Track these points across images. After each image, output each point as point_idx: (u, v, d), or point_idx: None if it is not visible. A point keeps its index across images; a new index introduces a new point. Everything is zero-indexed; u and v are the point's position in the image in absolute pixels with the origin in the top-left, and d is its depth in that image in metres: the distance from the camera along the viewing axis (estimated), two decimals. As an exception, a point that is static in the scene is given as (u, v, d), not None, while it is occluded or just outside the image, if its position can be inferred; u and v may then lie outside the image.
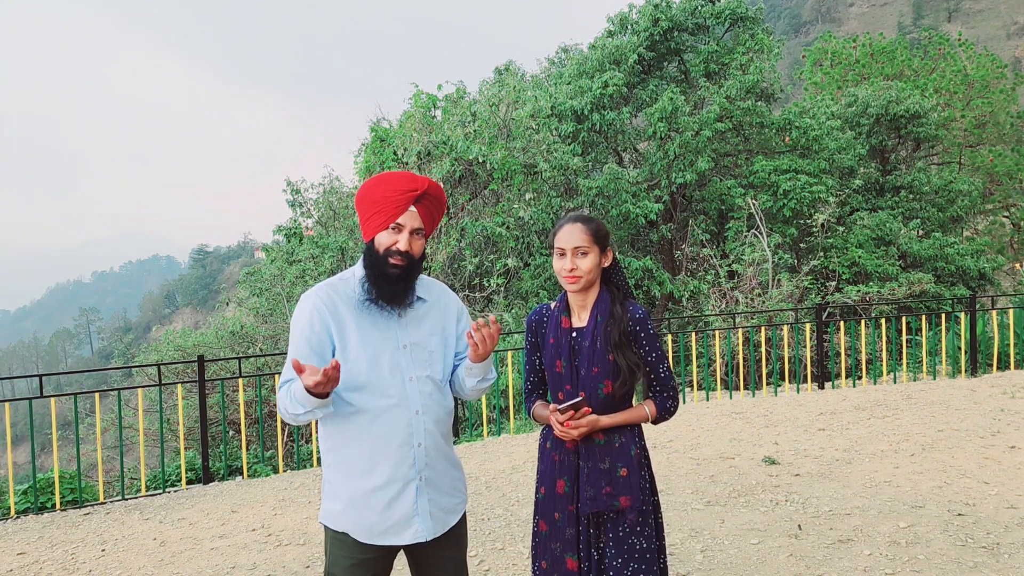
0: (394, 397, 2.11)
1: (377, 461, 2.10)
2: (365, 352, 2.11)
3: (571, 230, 2.25)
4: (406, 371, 2.14)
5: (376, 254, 2.10)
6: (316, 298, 2.14)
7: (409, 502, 2.13)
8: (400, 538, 2.13)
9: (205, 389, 6.22)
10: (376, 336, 2.13)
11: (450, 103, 12.80)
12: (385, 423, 2.10)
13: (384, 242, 2.10)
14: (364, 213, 2.13)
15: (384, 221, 2.09)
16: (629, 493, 2.21)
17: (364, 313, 2.14)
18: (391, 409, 2.11)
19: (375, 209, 2.10)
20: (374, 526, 2.11)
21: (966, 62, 22.87)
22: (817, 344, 8.74)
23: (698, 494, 4.78)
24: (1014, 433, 5.82)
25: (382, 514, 2.11)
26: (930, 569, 3.54)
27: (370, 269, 2.12)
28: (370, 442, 2.10)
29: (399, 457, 2.11)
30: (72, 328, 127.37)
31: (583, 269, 2.23)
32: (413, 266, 2.13)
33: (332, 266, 11.23)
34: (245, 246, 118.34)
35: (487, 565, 3.89)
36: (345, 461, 2.13)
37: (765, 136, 15.67)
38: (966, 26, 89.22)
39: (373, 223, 2.11)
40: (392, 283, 2.10)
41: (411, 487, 2.13)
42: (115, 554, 4.39)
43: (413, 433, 2.13)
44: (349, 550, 2.13)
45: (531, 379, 2.45)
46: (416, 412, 2.14)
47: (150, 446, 9.07)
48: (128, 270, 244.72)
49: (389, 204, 2.08)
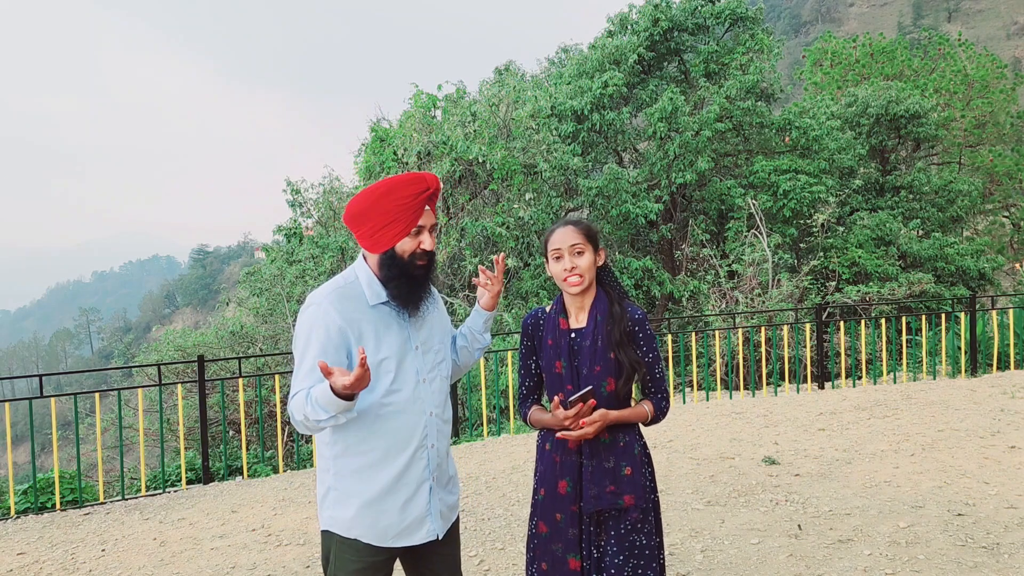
0: (410, 399, 2.12)
1: (394, 463, 2.10)
2: (380, 355, 2.10)
3: (564, 231, 2.28)
4: (420, 372, 2.15)
5: (401, 261, 2.07)
6: (330, 306, 2.07)
7: (423, 503, 2.14)
8: (412, 539, 2.13)
9: (205, 389, 6.22)
10: (392, 338, 2.12)
11: (450, 103, 12.80)
12: (403, 425, 2.10)
13: (408, 248, 2.07)
14: (376, 224, 2.06)
15: (405, 228, 2.05)
16: (633, 492, 2.22)
17: (378, 316, 2.12)
18: (408, 411, 2.11)
19: (390, 219, 2.04)
20: (389, 528, 2.11)
21: (966, 62, 22.87)
22: (817, 344, 8.74)
23: (698, 494, 4.78)
24: (1014, 433, 5.82)
25: (398, 516, 2.11)
26: (930, 569, 3.53)
27: (396, 276, 2.08)
28: (387, 445, 2.09)
29: (415, 459, 2.12)
30: (72, 328, 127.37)
31: (583, 267, 2.25)
32: (432, 263, 2.13)
33: (332, 266, 11.23)
34: (245, 246, 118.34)
35: (487, 565, 3.89)
36: (360, 465, 2.11)
37: (765, 136, 15.68)
38: (966, 26, 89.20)
39: (390, 232, 2.06)
40: (421, 285, 2.10)
41: (425, 487, 2.14)
42: (115, 554, 4.39)
43: (428, 434, 2.15)
44: (359, 554, 2.11)
45: (527, 383, 2.45)
46: (430, 413, 2.15)
47: (150, 446, 9.08)
48: (128, 270, 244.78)
49: (407, 211, 2.04)
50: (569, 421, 2.18)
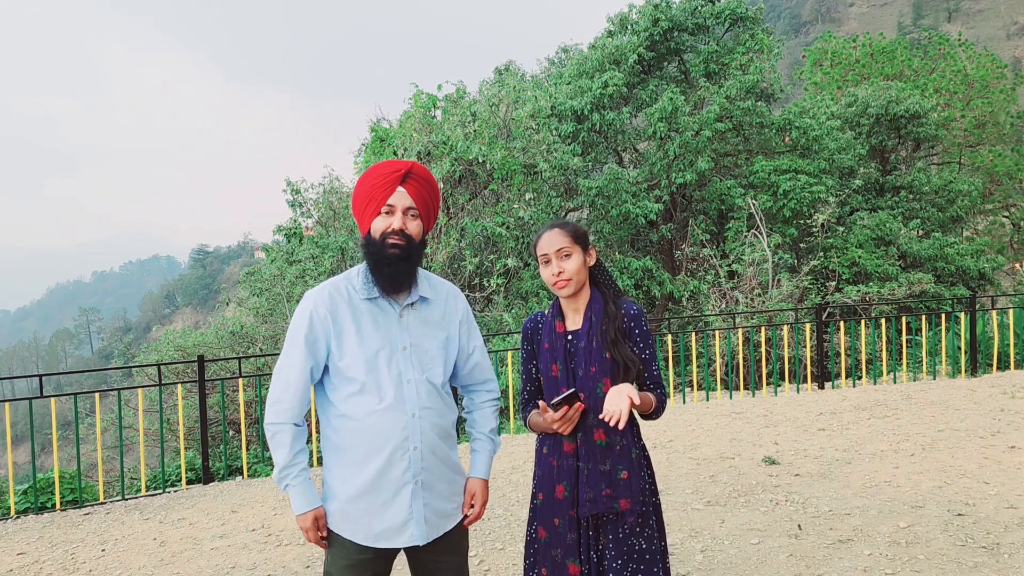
0: (391, 399, 2.09)
1: (371, 464, 2.08)
2: (363, 352, 2.09)
3: (550, 235, 2.28)
4: (404, 373, 2.12)
5: (374, 241, 2.10)
6: (317, 297, 2.13)
7: (403, 506, 2.10)
8: (394, 542, 2.12)
9: (205, 389, 6.22)
10: (375, 337, 2.12)
11: (450, 103, 12.80)
12: (380, 425, 2.08)
13: (379, 227, 2.09)
14: (357, 209, 2.15)
15: (376, 208, 2.09)
16: (629, 496, 2.21)
17: (365, 313, 2.13)
18: (387, 411, 2.08)
19: (366, 200, 2.11)
20: (368, 528, 2.10)
21: (966, 62, 22.86)
22: (817, 344, 8.74)
23: (698, 494, 4.78)
24: (1014, 433, 5.82)
25: (375, 517, 2.09)
26: (930, 569, 3.53)
27: (370, 258, 2.11)
28: (365, 444, 2.08)
29: (393, 460, 2.08)
30: (72, 328, 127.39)
31: (570, 270, 2.25)
32: (413, 248, 2.11)
33: (332, 266, 11.23)
34: (245, 246, 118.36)
35: (487, 565, 3.89)
36: (340, 463, 2.12)
37: (765, 136, 15.67)
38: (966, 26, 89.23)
39: (367, 214, 2.11)
40: (392, 264, 2.08)
41: (406, 491, 2.10)
42: (115, 554, 4.39)
43: (409, 436, 2.10)
44: (346, 551, 2.12)
45: (528, 388, 2.43)
46: (413, 415, 2.11)
47: (150, 446, 9.07)
48: (128, 270, 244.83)
49: (377, 190, 2.09)
50: (557, 424, 2.17)
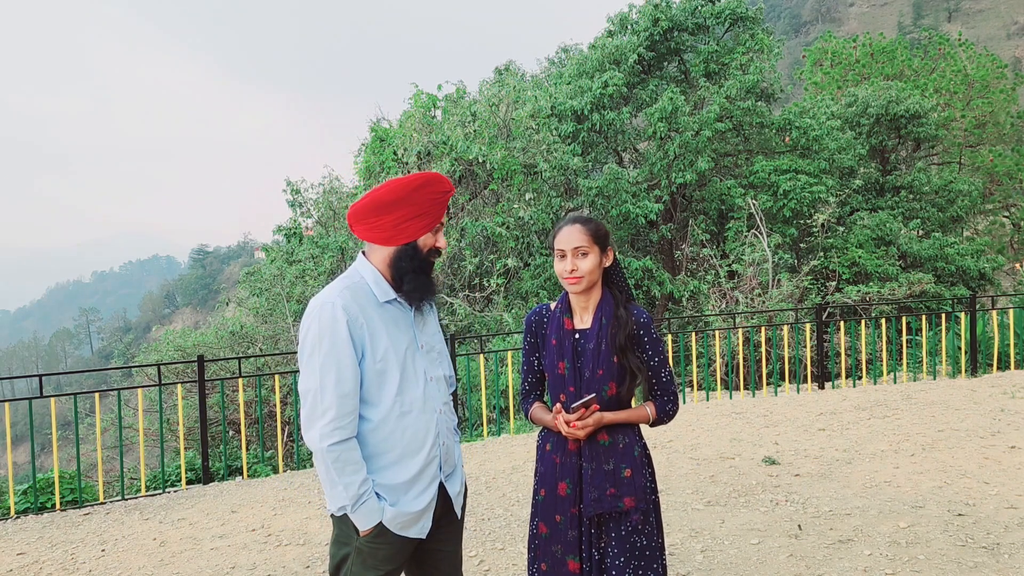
0: (421, 398, 2.13)
1: (410, 463, 2.10)
2: (397, 354, 2.11)
3: (570, 231, 2.24)
4: (428, 371, 2.18)
5: (421, 254, 2.13)
6: (340, 299, 2.06)
7: (429, 499, 2.15)
8: (409, 532, 2.14)
9: (205, 389, 6.21)
10: (401, 338, 2.14)
11: (450, 103, 12.81)
12: (417, 425, 2.12)
13: (428, 243, 2.14)
14: (405, 214, 2.07)
15: (430, 223, 2.12)
16: (633, 494, 2.21)
17: (387, 315, 2.14)
18: (421, 410, 2.13)
19: (421, 211, 2.09)
20: (395, 519, 2.10)
21: (966, 62, 22.87)
22: (817, 344, 8.74)
23: (698, 494, 4.78)
24: (1014, 433, 5.82)
25: (405, 509, 2.12)
26: (930, 569, 3.53)
27: (413, 270, 2.12)
28: (404, 445, 2.10)
29: (430, 457, 2.14)
30: (72, 328, 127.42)
31: (584, 270, 2.22)
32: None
33: (332, 266, 11.23)
34: (245, 246, 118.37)
35: (487, 565, 3.89)
36: (375, 465, 2.10)
37: (765, 136, 15.68)
38: (966, 26, 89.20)
39: (417, 224, 2.10)
40: (433, 281, 2.20)
41: (435, 485, 2.16)
42: (115, 554, 4.38)
43: (440, 432, 2.17)
44: (387, 540, 2.11)
45: (529, 380, 2.44)
46: (439, 411, 2.18)
47: (150, 446, 9.07)
48: (128, 270, 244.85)
49: (435, 205, 2.11)
50: (569, 430, 2.19)
